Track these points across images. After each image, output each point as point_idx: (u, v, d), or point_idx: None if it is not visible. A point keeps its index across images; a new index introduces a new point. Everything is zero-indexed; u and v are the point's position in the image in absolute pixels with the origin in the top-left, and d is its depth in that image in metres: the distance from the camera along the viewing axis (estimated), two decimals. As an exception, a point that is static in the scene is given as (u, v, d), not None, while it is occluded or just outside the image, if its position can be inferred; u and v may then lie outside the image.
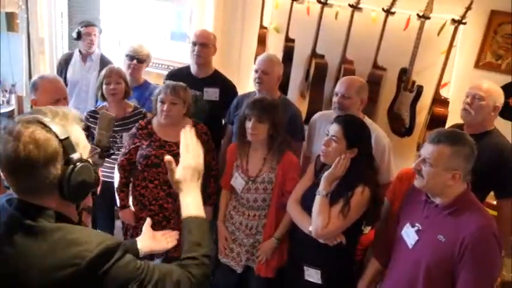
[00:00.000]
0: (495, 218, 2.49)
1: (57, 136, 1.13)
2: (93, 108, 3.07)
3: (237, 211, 2.65)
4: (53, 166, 1.13)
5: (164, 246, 1.70)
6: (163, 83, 3.25)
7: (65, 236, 1.12)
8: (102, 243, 1.12)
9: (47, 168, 1.12)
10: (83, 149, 1.22)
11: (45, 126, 1.13)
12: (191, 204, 1.36)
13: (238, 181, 2.59)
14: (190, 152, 1.40)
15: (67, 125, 1.18)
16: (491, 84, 2.54)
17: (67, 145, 1.15)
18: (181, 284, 1.22)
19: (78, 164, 1.16)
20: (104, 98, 3.03)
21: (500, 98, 2.51)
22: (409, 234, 1.96)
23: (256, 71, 2.89)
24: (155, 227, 1.99)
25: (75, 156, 1.16)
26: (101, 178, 2.61)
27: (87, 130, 1.95)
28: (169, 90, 2.62)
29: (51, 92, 2.51)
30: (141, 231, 1.72)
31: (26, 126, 1.12)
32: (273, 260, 2.62)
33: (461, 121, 2.71)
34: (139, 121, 2.80)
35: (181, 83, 2.72)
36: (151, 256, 2.22)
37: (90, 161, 1.25)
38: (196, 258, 1.27)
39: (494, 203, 2.62)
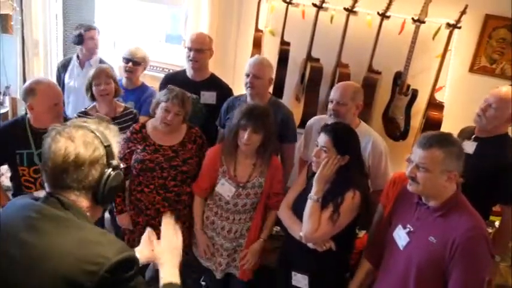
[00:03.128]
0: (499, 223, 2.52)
1: (102, 142, 1.25)
2: (83, 109, 3.04)
3: (219, 216, 2.60)
4: (94, 168, 1.24)
5: None
6: (159, 86, 3.25)
7: (89, 236, 1.20)
8: (125, 252, 1.19)
9: (89, 169, 1.23)
10: (117, 160, 1.33)
11: (92, 132, 1.26)
12: (168, 272, 1.47)
13: (226, 188, 2.54)
14: (171, 236, 1.58)
15: (109, 135, 1.31)
16: (510, 93, 2.41)
17: (109, 151, 1.27)
18: None
19: (115, 170, 1.28)
20: (93, 99, 3.01)
21: None
22: (401, 236, 1.97)
23: (248, 75, 2.86)
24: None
25: (114, 162, 1.28)
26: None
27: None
28: (176, 102, 2.55)
29: (51, 97, 2.51)
30: (137, 236, 1.72)
31: (76, 129, 1.25)
32: (257, 261, 2.64)
33: (457, 122, 2.71)
34: (133, 125, 2.77)
35: (186, 93, 2.68)
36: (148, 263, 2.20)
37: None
38: None
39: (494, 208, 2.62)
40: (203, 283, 3.01)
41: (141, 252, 1.61)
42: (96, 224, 3.10)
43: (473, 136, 2.51)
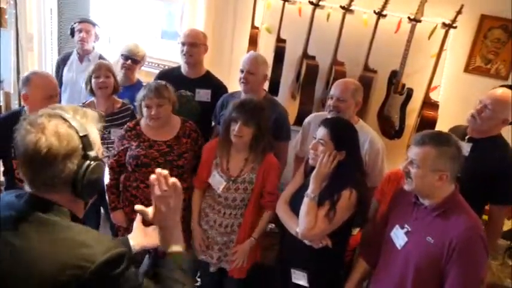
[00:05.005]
0: (486, 221, 2.53)
1: (77, 132, 1.16)
2: (80, 104, 3.03)
3: (212, 209, 2.62)
4: (70, 161, 1.15)
5: (156, 242, 1.67)
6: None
7: (74, 236, 1.13)
8: (111, 250, 1.13)
9: (64, 163, 1.14)
10: (98, 149, 1.24)
11: (66, 121, 1.16)
12: (172, 240, 1.33)
13: (216, 180, 2.56)
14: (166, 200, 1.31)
15: (86, 123, 1.21)
16: (506, 95, 2.42)
17: (86, 142, 1.17)
18: None
19: (93, 161, 1.18)
20: (92, 93, 3.00)
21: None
22: (398, 236, 1.97)
23: (242, 71, 2.87)
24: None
25: (92, 153, 1.18)
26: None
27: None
28: (153, 94, 2.55)
29: (44, 88, 2.49)
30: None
31: (48, 119, 1.15)
32: (248, 261, 2.63)
33: (451, 121, 2.72)
34: (128, 123, 2.77)
35: (161, 82, 2.66)
36: (144, 252, 2.18)
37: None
38: None
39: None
40: (198, 279, 3.01)
41: (135, 239, 1.58)
42: (92, 221, 3.11)
43: (467, 137, 2.52)
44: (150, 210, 1.32)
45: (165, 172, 1.28)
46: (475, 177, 2.16)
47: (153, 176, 1.27)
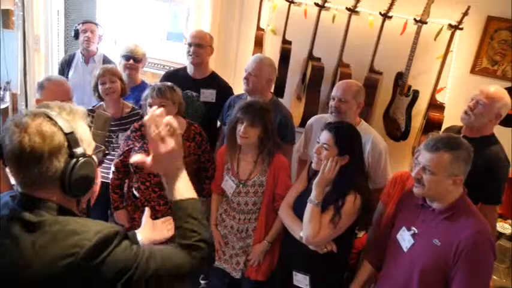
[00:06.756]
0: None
1: (62, 130, 1.15)
2: (90, 107, 3.05)
3: (228, 214, 2.63)
4: (56, 159, 1.14)
5: (164, 235, 1.68)
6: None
7: (64, 227, 1.13)
8: (101, 232, 1.12)
9: (50, 161, 1.13)
10: (87, 145, 1.23)
11: (51, 119, 1.15)
12: (179, 187, 1.31)
13: (228, 184, 2.57)
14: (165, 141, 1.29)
15: (73, 120, 1.20)
16: (498, 91, 2.47)
17: (71, 139, 1.16)
18: (180, 269, 1.21)
19: (81, 158, 1.17)
20: (100, 99, 3.01)
21: (505, 107, 2.45)
22: (405, 238, 1.96)
23: (246, 71, 2.88)
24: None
25: (78, 150, 1.17)
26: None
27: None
28: (155, 93, 2.56)
29: (56, 95, 2.50)
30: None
31: (32, 119, 1.14)
32: (264, 262, 2.61)
33: (457, 123, 2.71)
34: (134, 123, 2.78)
35: (167, 83, 2.66)
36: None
37: (94, 157, 1.25)
38: (193, 244, 1.25)
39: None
40: (202, 282, 3.00)
41: (143, 233, 1.58)
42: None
43: (461, 136, 2.52)
44: (149, 159, 1.30)
45: (160, 110, 1.27)
46: (467, 177, 2.16)
47: (146, 117, 1.26)
